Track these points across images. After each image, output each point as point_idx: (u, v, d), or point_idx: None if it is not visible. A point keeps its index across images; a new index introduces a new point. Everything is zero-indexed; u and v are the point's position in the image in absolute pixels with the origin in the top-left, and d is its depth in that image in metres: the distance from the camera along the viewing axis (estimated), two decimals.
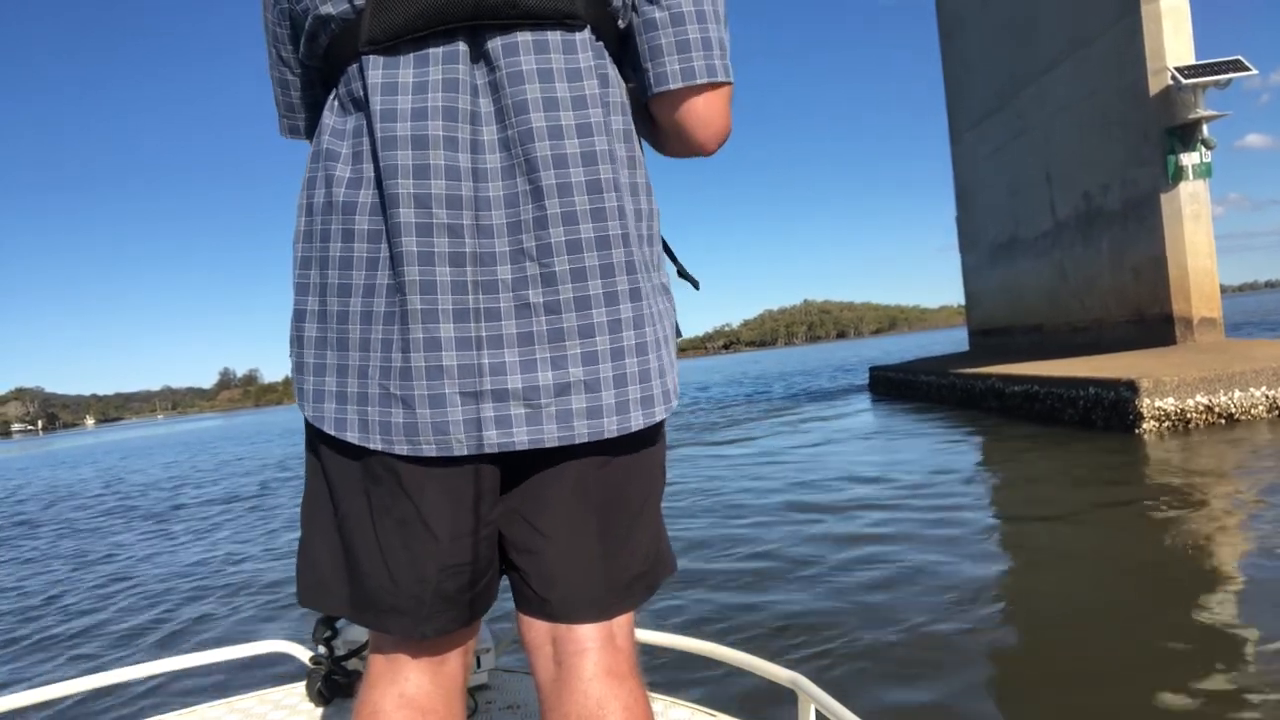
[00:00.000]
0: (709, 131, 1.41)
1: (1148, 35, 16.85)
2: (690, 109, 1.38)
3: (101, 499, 21.69)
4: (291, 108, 1.53)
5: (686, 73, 1.34)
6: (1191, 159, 16.47)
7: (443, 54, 1.25)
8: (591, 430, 1.29)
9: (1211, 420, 12.01)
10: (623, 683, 1.34)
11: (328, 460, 1.36)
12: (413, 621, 1.31)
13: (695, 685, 3.80)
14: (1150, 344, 17.33)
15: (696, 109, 1.38)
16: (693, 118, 1.39)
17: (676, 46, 1.34)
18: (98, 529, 15.29)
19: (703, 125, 1.40)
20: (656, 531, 1.45)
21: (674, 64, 1.34)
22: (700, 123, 1.40)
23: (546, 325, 1.26)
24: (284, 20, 1.41)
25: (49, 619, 8.45)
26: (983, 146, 25.78)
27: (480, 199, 1.24)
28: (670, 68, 1.34)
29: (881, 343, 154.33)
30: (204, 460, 33.63)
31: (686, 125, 1.40)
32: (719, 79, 1.36)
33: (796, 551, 7.58)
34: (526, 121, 1.24)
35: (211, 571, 9.84)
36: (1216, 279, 17.06)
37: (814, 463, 12.93)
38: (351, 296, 1.28)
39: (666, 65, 1.34)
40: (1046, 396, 14.42)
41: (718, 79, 1.36)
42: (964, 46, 26.52)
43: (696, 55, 1.34)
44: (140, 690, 5.34)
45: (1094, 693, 4.19)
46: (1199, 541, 6.59)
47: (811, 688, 1.92)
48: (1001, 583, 6.25)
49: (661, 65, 1.35)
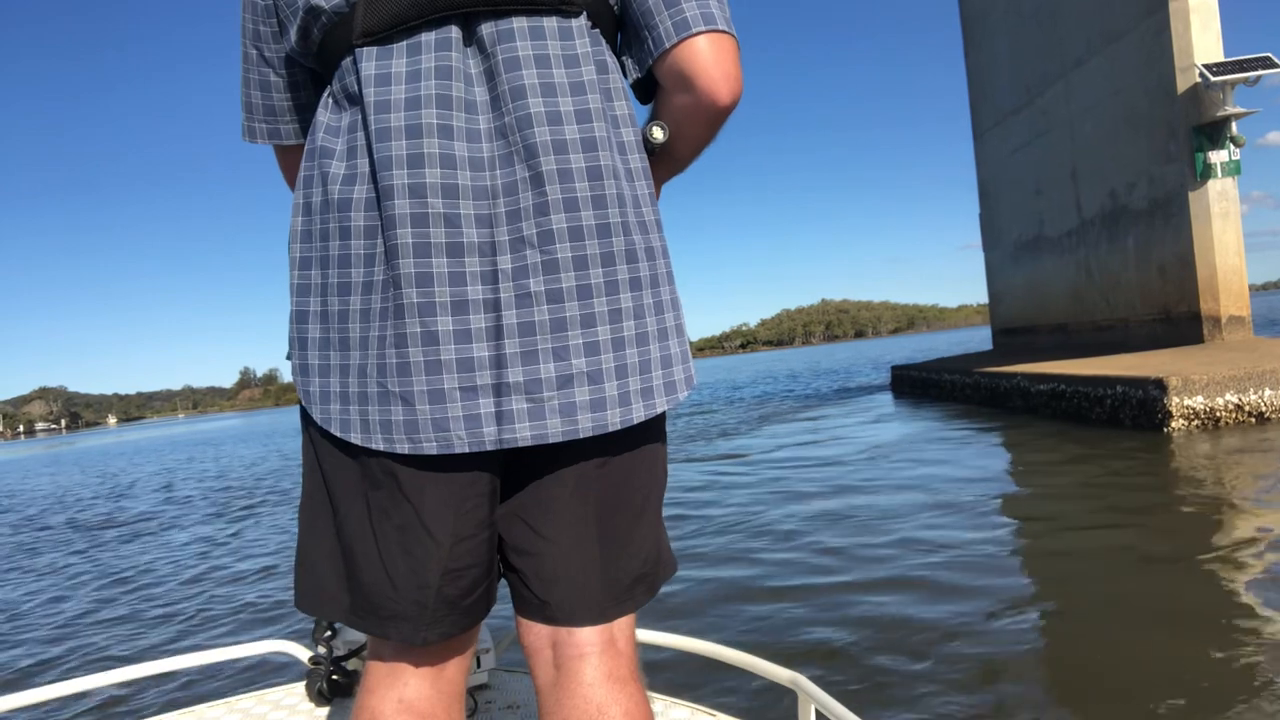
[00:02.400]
0: (716, 75, 1.30)
1: (1175, 32, 16.81)
2: (693, 58, 1.30)
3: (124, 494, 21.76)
4: (273, 111, 1.48)
5: (680, 25, 1.29)
6: (1220, 156, 16.45)
7: (435, 41, 1.23)
8: (595, 423, 1.26)
9: (1241, 419, 11.86)
10: (623, 687, 1.32)
11: (326, 463, 1.33)
12: (414, 627, 1.28)
13: (695, 685, 3.73)
14: (1177, 343, 17.30)
15: (700, 56, 1.30)
16: (696, 67, 1.30)
17: (666, 3, 1.29)
18: (101, 529, 15.32)
19: (708, 71, 1.30)
20: (657, 532, 1.43)
21: (666, 21, 1.29)
22: (705, 70, 1.30)
23: (549, 314, 1.23)
24: (269, 18, 1.39)
25: (48, 620, 8.42)
26: (1007, 144, 25.66)
27: (478, 188, 1.22)
28: (664, 26, 1.30)
29: (901, 342, 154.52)
30: (216, 459, 33.71)
31: (693, 77, 1.31)
32: (717, 26, 1.30)
33: (812, 541, 7.51)
34: (524, 107, 1.22)
35: (212, 571, 9.84)
36: (1245, 277, 17.01)
37: (840, 462, 12.82)
38: (351, 295, 1.27)
39: (660, 25, 1.30)
40: (1073, 395, 14.28)
41: (716, 26, 1.30)
42: (988, 44, 26.40)
43: (689, 6, 1.29)
44: (140, 690, 5.29)
45: (1116, 701, 4.08)
46: (1235, 542, 6.41)
47: (811, 688, 1.92)
48: (1029, 582, 6.12)
49: (656, 27, 1.30)
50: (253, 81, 1.46)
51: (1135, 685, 4.20)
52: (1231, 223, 16.67)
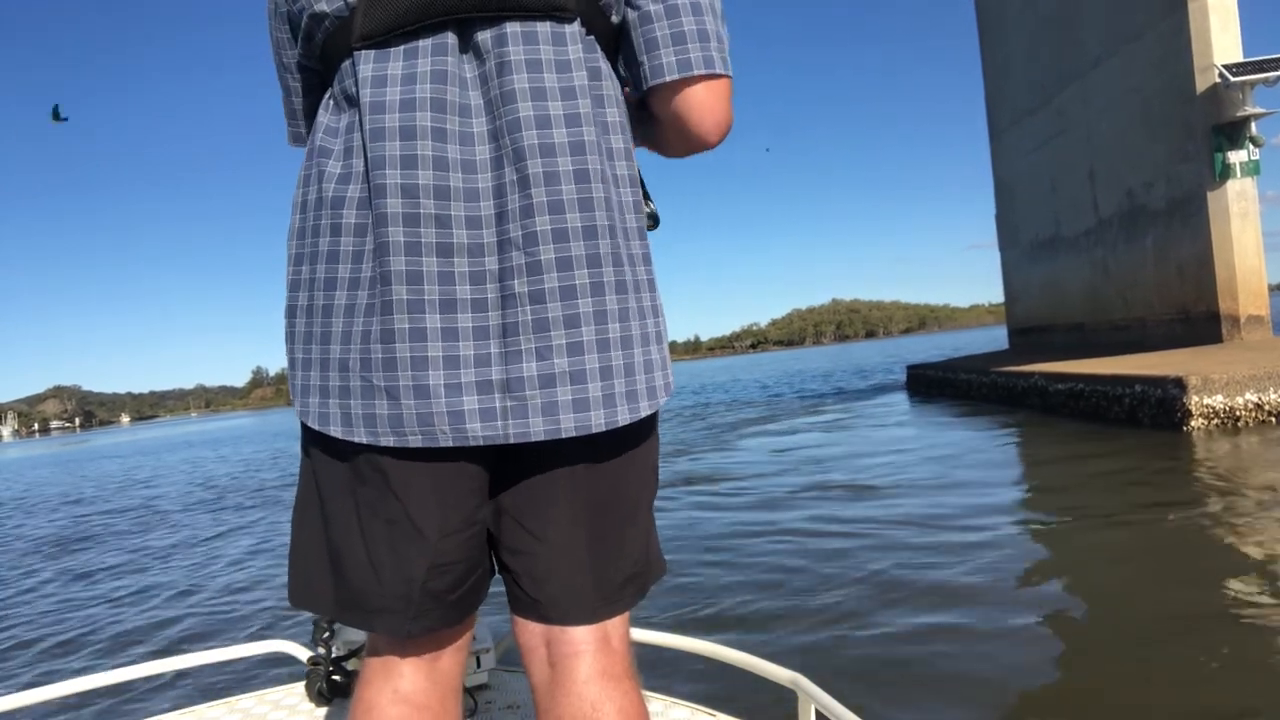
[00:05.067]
0: (709, 122, 1.38)
1: (1194, 32, 16.84)
2: (689, 99, 1.36)
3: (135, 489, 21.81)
4: (294, 114, 1.53)
5: (683, 64, 1.33)
6: (1239, 156, 16.53)
7: (431, 46, 1.25)
8: (579, 424, 1.27)
9: (1261, 418, 11.79)
10: (618, 684, 1.33)
11: (317, 461, 1.35)
12: (400, 620, 1.30)
13: (695, 685, 3.73)
14: (1195, 342, 17.29)
15: (696, 99, 1.36)
16: (692, 109, 1.37)
17: (673, 39, 1.33)
18: (107, 526, 15.39)
19: (702, 116, 1.37)
20: (648, 534, 1.45)
21: (670, 56, 1.33)
22: (699, 114, 1.37)
23: (532, 315, 1.24)
24: (283, 25, 1.42)
25: (50, 618, 8.44)
26: (1024, 143, 25.62)
27: (469, 190, 1.24)
28: (666, 60, 1.33)
29: (913, 342, 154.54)
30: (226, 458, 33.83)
31: (686, 117, 1.38)
32: (717, 70, 1.34)
33: (823, 545, 7.49)
34: (514, 111, 1.24)
35: (212, 570, 9.85)
36: (1264, 277, 17.03)
37: (849, 459, 12.79)
38: (336, 290, 1.28)
39: (662, 58, 1.33)
40: (1091, 394, 14.21)
41: (715, 70, 1.34)
42: (1004, 44, 26.38)
43: (693, 47, 1.33)
44: (140, 690, 5.28)
45: (1120, 704, 4.03)
46: (1258, 541, 6.33)
47: (811, 688, 1.92)
48: (1038, 583, 6.05)
49: (658, 58, 1.34)
50: (281, 88, 1.52)
51: (1145, 691, 4.14)
52: (1250, 222, 16.70)
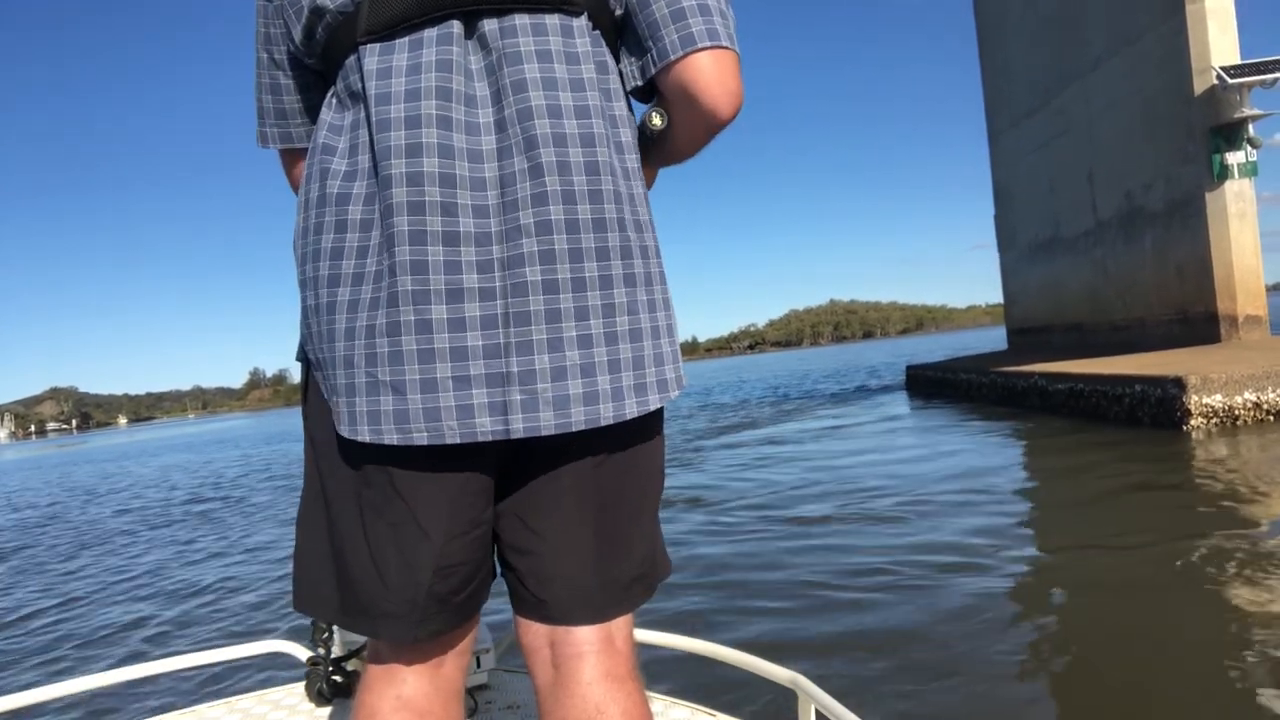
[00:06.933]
0: (718, 91, 1.33)
1: (1193, 35, 16.89)
2: (696, 72, 1.32)
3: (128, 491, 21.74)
4: (284, 114, 1.50)
5: (686, 39, 1.30)
6: (1237, 158, 16.60)
7: (436, 35, 1.24)
8: (588, 417, 1.25)
9: (1260, 417, 11.83)
10: (621, 685, 1.32)
11: (322, 463, 1.34)
12: (405, 626, 1.28)
13: (695, 685, 3.70)
14: (1194, 342, 17.33)
15: (704, 70, 1.32)
16: (699, 80, 1.32)
17: (673, 16, 1.31)
18: (110, 527, 15.40)
19: (710, 85, 1.32)
20: (654, 533, 1.44)
21: (673, 34, 1.31)
22: (708, 83, 1.32)
23: (544, 304, 1.23)
24: (277, 19, 1.40)
25: (51, 618, 8.44)
26: (1022, 145, 25.63)
27: (475, 179, 1.23)
28: (669, 39, 1.31)
29: (911, 343, 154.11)
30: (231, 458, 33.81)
31: (695, 90, 1.33)
32: (721, 43, 1.32)
33: (815, 540, 7.49)
34: (526, 100, 1.23)
35: (213, 570, 9.84)
36: (1262, 277, 17.09)
37: (853, 459, 12.77)
38: (340, 286, 1.27)
39: (665, 37, 1.31)
40: (1091, 394, 14.23)
41: (720, 43, 1.31)
42: (1004, 45, 26.34)
43: (694, 21, 1.31)
44: (140, 690, 5.25)
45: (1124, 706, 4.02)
46: (1260, 542, 6.32)
47: (811, 688, 1.92)
48: (1039, 585, 6.04)
49: (661, 39, 1.32)
50: (265, 86, 1.48)
51: (1144, 691, 4.15)
52: (1249, 223, 16.76)
